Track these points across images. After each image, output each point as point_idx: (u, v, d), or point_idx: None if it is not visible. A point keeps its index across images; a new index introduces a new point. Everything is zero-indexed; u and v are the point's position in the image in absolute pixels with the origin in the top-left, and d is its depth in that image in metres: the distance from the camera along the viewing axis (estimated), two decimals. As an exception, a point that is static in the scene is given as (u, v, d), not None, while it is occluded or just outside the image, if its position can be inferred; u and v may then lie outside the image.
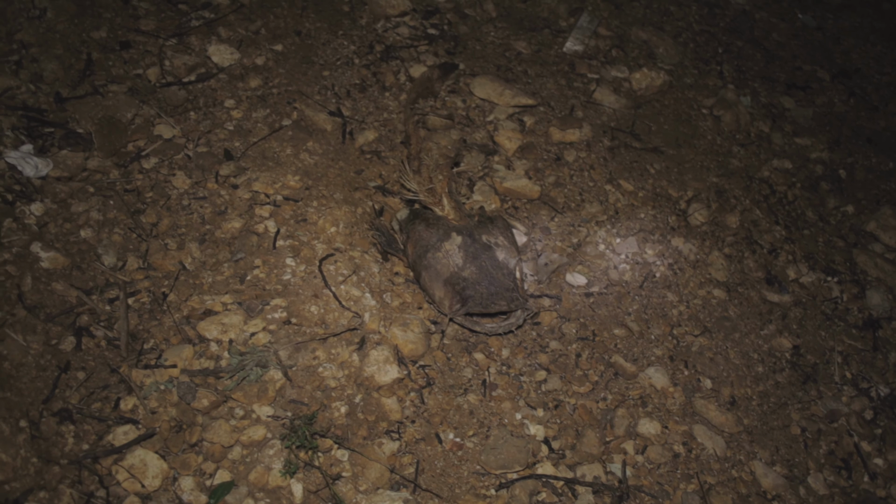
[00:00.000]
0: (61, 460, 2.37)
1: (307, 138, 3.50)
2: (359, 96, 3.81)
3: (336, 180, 3.38)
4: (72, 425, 2.46)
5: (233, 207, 3.15)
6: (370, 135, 3.63)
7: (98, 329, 2.70)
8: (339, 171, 3.43)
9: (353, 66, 3.95)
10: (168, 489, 2.41)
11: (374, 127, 3.69)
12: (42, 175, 3.01)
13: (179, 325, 2.77)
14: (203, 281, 2.92)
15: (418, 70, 4.01)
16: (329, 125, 3.60)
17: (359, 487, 2.53)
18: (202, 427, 2.54)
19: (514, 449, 2.73)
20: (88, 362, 2.62)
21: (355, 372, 2.79)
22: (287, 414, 2.63)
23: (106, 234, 2.96)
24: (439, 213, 3.19)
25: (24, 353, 2.53)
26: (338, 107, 3.70)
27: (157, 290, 2.87)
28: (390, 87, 3.92)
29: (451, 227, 3.08)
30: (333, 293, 2.95)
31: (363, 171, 3.50)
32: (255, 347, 2.72)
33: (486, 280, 2.94)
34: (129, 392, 2.58)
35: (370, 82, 3.91)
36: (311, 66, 3.86)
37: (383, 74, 3.97)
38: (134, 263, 2.91)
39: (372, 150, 3.60)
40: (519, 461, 2.71)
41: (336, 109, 3.68)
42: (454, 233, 3.05)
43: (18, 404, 2.41)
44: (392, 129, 3.72)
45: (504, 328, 2.96)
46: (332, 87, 3.80)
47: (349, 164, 3.49)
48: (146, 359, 2.67)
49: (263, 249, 3.03)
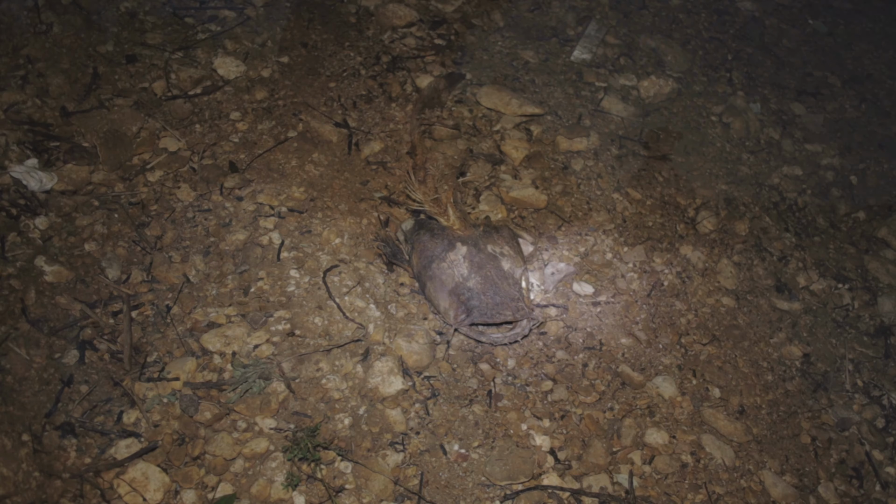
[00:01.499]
0: (63, 474, 2.37)
1: (313, 150, 3.50)
2: (365, 107, 3.81)
3: (341, 191, 3.38)
4: (74, 439, 2.46)
5: (237, 219, 3.15)
6: (376, 145, 3.63)
7: (101, 342, 2.70)
8: (345, 182, 3.43)
9: (360, 77, 3.95)
10: (170, 502, 2.40)
11: (379, 138, 3.68)
12: (47, 189, 3.02)
13: (183, 338, 2.76)
14: (207, 293, 2.92)
15: (425, 80, 4.00)
16: (335, 136, 3.60)
17: (362, 500, 2.51)
18: (204, 440, 2.54)
19: (520, 460, 2.71)
20: (92, 376, 2.62)
21: (359, 383, 2.78)
22: (290, 426, 2.62)
23: (110, 248, 2.97)
24: (444, 223, 3.18)
25: (27, 366, 2.53)
26: (344, 118, 3.70)
27: (160, 302, 2.87)
28: (397, 97, 3.92)
29: (455, 238, 3.07)
30: (337, 304, 2.95)
31: (369, 181, 3.49)
32: (259, 360, 2.72)
33: (491, 290, 2.92)
34: (132, 405, 2.58)
35: (376, 93, 3.91)
36: (317, 78, 3.86)
37: (390, 85, 3.97)
38: (138, 276, 2.92)
39: (378, 160, 3.59)
40: (524, 472, 2.68)
41: (342, 121, 3.68)
42: (459, 243, 3.04)
43: (21, 418, 2.42)
44: (398, 140, 3.72)
45: (509, 338, 2.94)
46: (339, 98, 3.80)
47: (354, 175, 3.49)
48: (149, 372, 2.67)
49: (268, 261, 3.03)
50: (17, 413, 2.42)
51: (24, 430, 2.38)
